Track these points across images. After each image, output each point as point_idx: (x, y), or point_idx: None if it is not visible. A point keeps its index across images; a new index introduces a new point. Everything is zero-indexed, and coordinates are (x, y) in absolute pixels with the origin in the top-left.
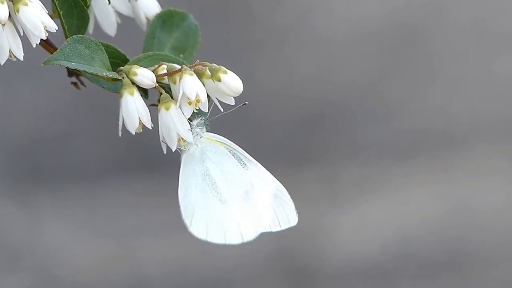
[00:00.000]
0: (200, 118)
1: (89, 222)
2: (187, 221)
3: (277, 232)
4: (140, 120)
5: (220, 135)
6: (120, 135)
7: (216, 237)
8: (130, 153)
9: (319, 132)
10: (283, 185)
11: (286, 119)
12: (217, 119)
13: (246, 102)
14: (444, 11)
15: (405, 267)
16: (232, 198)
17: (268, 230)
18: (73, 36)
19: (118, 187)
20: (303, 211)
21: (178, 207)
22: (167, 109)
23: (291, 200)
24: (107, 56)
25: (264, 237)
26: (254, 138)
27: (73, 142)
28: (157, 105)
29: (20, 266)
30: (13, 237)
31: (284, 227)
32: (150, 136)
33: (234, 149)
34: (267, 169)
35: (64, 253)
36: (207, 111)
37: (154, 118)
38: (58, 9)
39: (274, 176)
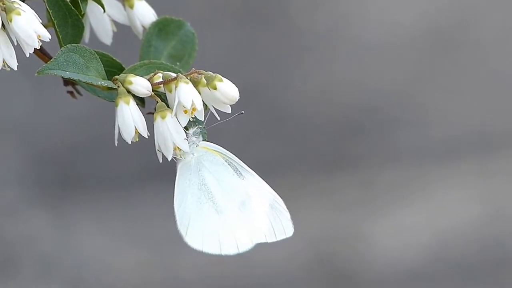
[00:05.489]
0: (197, 126)
1: (124, 230)
2: (182, 231)
3: (273, 242)
4: (136, 129)
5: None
6: (116, 144)
7: (211, 247)
8: (164, 160)
9: (357, 138)
10: (321, 190)
11: (323, 124)
12: (252, 125)
13: (243, 112)
14: (479, 16)
15: (445, 272)
16: (228, 208)
17: (263, 240)
18: (68, 45)
19: (153, 195)
20: (341, 217)
21: None
22: (163, 117)
23: (287, 210)
24: (102, 65)
25: (302, 243)
26: (291, 143)
27: (107, 150)
28: (154, 114)
29: (54, 276)
30: (46, 246)
31: (279, 238)
32: None
33: (231, 158)
34: (306, 174)
35: (99, 262)
36: (203, 119)
37: (151, 126)
38: (52, 18)
39: (312, 182)
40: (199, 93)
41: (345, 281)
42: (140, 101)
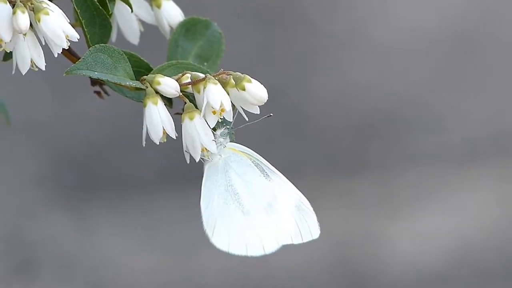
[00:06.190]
0: (224, 127)
1: (143, 232)
2: (209, 232)
3: (299, 244)
4: (164, 129)
5: (248, 146)
6: (144, 145)
7: (237, 248)
8: (186, 163)
9: (375, 141)
10: (338, 192)
11: (340, 126)
12: (271, 126)
13: (271, 114)
14: (499, 18)
15: (464, 275)
16: (254, 210)
17: (290, 242)
18: (96, 45)
19: (173, 197)
20: (359, 220)
21: None
22: (191, 118)
23: (313, 212)
24: (130, 65)
25: (323, 247)
26: (308, 145)
27: (127, 152)
28: (182, 114)
29: (73, 277)
30: (66, 248)
31: (306, 239)
32: None
33: (257, 159)
34: (323, 176)
35: (118, 263)
36: (231, 120)
37: (179, 127)
38: (80, 18)
39: (330, 183)
40: (228, 94)
41: (364, 284)
42: (168, 101)
